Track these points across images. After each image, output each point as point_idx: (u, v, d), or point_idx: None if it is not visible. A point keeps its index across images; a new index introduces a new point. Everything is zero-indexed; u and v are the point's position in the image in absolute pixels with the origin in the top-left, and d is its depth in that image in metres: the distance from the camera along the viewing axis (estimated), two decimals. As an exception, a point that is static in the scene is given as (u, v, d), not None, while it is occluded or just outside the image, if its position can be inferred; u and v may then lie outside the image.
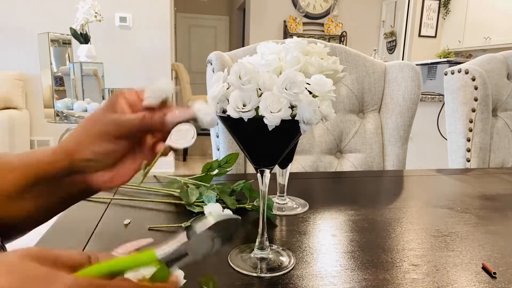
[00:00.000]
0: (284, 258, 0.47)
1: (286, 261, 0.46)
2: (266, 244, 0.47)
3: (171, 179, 0.74)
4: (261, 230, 0.46)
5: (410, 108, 1.10)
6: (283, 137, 0.42)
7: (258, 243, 0.47)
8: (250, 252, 0.47)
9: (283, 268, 0.44)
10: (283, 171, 0.66)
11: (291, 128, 0.40)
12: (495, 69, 1.24)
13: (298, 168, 1.07)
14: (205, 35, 7.12)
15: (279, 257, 0.47)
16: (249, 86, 0.38)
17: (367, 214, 0.63)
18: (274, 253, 0.48)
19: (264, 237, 0.46)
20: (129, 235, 0.53)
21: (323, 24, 5.73)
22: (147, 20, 3.46)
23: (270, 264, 0.45)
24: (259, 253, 0.46)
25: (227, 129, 0.44)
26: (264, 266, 0.45)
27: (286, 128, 0.40)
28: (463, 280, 0.43)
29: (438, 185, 0.86)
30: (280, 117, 0.37)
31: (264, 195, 0.46)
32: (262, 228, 0.46)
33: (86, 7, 2.78)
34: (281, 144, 0.43)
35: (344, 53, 1.11)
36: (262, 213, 0.46)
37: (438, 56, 5.15)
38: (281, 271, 0.44)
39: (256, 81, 0.38)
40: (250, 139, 0.43)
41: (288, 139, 0.43)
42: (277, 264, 0.45)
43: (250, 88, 0.38)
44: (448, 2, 5.20)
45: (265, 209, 0.46)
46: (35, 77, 3.24)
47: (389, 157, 1.13)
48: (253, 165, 0.45)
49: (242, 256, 0.47)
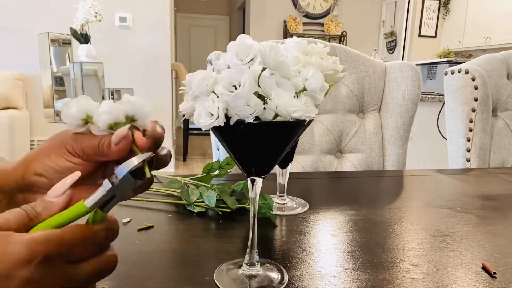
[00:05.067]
0: (276, 275, 0.43)
1: (278, 278, 0.42)
2: (256, 259, 0.42)
3: (172, 179, 0.74)
4: (251, 243, 0.42)
5: (410, 108, 1.10)
6: (274, 143, 0.39)
7: (248, 258, 0.42)
8: (239, 268, 0.43)
9: (274, 286, 0.41)
10: (283, 171, 0.66)
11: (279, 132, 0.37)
12: (495, 69, 1.24)
13: (298, 168, 1.07)
14: (205, 35, 7.13)
15: (270, 274, 0.43)
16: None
17: (367, 214, 0.63)
18: (264, 269, 0.43)
19: (254, 251, 0.42)
20: (129, 235, 0.53)
21: (323, 24, 5.73)
22: (147, 20, 3.46)
23: (260, 282, 0.41)
24: (247, 270, 0.42)
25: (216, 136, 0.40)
26: (254, 285, 0.41)
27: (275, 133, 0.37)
28: (463, 280, 0.43)
29: (438, 185, 0.86)
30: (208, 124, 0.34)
31: (254, 204, 0.42)
32: (251, 241, 0.42)
33: (86, 7, 2.78)
34: (273, 151, 0.40)
35: (344, 53, 1.11)
36: (252, 224, 0.42)
37: (438, 56, 5.15)
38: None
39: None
40: (238, 146, 0.39)
41: (280, 145, 0.39)
42: (268, 282, 0.42)
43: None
44: (448, 2, 5.20)
45: (256, 218, 0.42)
46: (35, 77, 3.24)
47: (389, 157, 1.13)
48: (244, 173, 0.41)
49: (229, 274, 0.43)
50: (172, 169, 3.71)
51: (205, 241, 0.48)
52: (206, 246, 0.48)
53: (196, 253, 0.47)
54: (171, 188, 0.68)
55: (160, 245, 0.50)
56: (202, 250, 0.46)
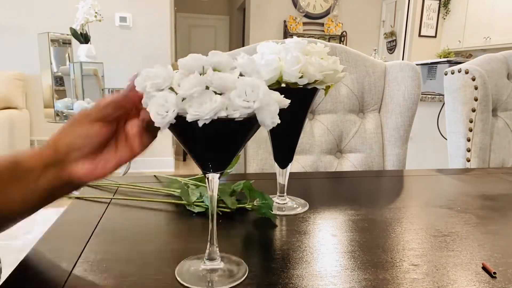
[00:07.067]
0: (236, 268, 0.44)
1: (238, 271, 0.43)
2: (217, 253, 0.43)
3: (171, 179, 0.74)
4: (210, 237, 0.43)
5: (410, 108, 1.10)
6: (227, 137, 0.39)
7: (208, 253, 0.43)
8: (200, 263, 0.44)
9: (235, 279, 0.41)
10: (283, 171, 0.66)
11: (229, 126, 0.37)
12: (495, 69, 1.24)
13: (298, 168, 1.07)
14: (205, 35, 7.13)
15: (231, 267, 0.44)
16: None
17: (367, 214, 0.63)
18: (226, 262, 0.44)
19: (214, 246, 0.43)
20: (129, 234, 0.53)
21: (323, 24, 5.73)
22: (147, 20, 3.47)
23: (221, 275, 0.42)
24: (209, 264, 0.43)
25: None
26: (215, 279, 0.42)
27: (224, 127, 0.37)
28: (463, 280, 0.43)
29: (438, 185, 0.86)
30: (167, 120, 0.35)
31: (213, 200, 0.43)
32: (211, 235, 0.43)
33: (86, 7, 2.79)
34: (225, 145, 0.40)
35: (344, 53, 1.11)
36: (211, 219, 0.43)
37: (438, 56, 5.15)
38: (233, 282, 0.41)
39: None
40: (194, 143, 0.40)
41: (234, 139, 0.40)
42: (229, 274, 0.42)
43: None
44: (448, 2, 5.20)
45: (215, 214, 0.43)
46: (35, 77, 3.24)
47: (389, 157, 1.13)
48: (200, 168, 0.42)
49: (190, 269, 0.43)
50: (172, 169, 3.71)
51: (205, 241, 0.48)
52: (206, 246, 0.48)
53: (196, 253, 0.47)
54: (171, 188, 0.68)
55: (160, 245, 0.50)
56: (202, 250, 0.46)
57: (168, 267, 0.44)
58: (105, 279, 0.41)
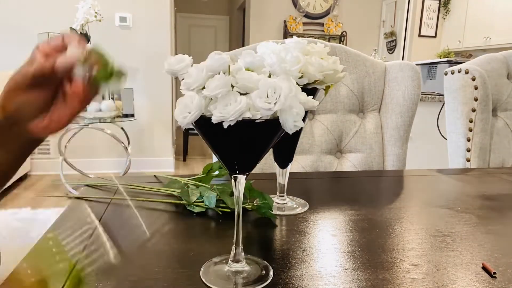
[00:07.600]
0: (261, 271, 0.44)
1: (263, 273, 0.43)
2: (242, 256, 0.43)
3: (171, 179, 0.74)
4: (236, 240, 0.43)
5: (410, 108, 1.10)
6: (258, 139, 0.39)
7: (233, 255, 0.43)
8: (225, 264, 0.44)
9: (261, 281, 0.41)
10: (283, 171, 0.66)
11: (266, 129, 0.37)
12: (495, 69, 1.24)
13: (298, 168, 1.07)
14: (205, 35, 7.12)
15: (256, 270, 0.44)
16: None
17: (367, 214, 0.63)
18: (251, 265, 0.44)
19: (240, 248, 0.43)
20: (129, 235, 0.53)
21: (323, 24, 5.73)
22: (147, 20, 3.46)
23: (246, 277, 0.42)
24: (234, 266, 0.43)
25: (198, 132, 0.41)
26: (240, 281, 0.42)
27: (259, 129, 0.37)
28: (463, 280, 0.43)
29: (438, 185, 0.86)
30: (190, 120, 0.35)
31: (239, 201, 0.43)
32: (236, 238, 0.43)
33: (86, 6, 2.78)
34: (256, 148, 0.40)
35: (344, 53, 1.11)
36: (236, 222, 0.43)
37: (438, 56, 5.15)
38: (259, 285, 0.41)
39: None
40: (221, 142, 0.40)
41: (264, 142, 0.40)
42: (254, 277, 0.42)
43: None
44: (448, 2, 5.20)
45: (240, 216, 0.43)
46: (35, 77, 3.23)
47: (389, 157, 1.13)
48: (227, 169, 0.42)
49: (215, 270, 0.43)
50: (172, 169, 3.71)
51: (205, 241, 0.48)
52: (206, 246, 0.49)
53: (196, 253, 0.47)
54: (171, 188, 0.68)
55: (160, 245, 0.50)
56: (202, 250, 0.46)
57: (168, 268, 0.44)
58: (105, 279, 0.41)
